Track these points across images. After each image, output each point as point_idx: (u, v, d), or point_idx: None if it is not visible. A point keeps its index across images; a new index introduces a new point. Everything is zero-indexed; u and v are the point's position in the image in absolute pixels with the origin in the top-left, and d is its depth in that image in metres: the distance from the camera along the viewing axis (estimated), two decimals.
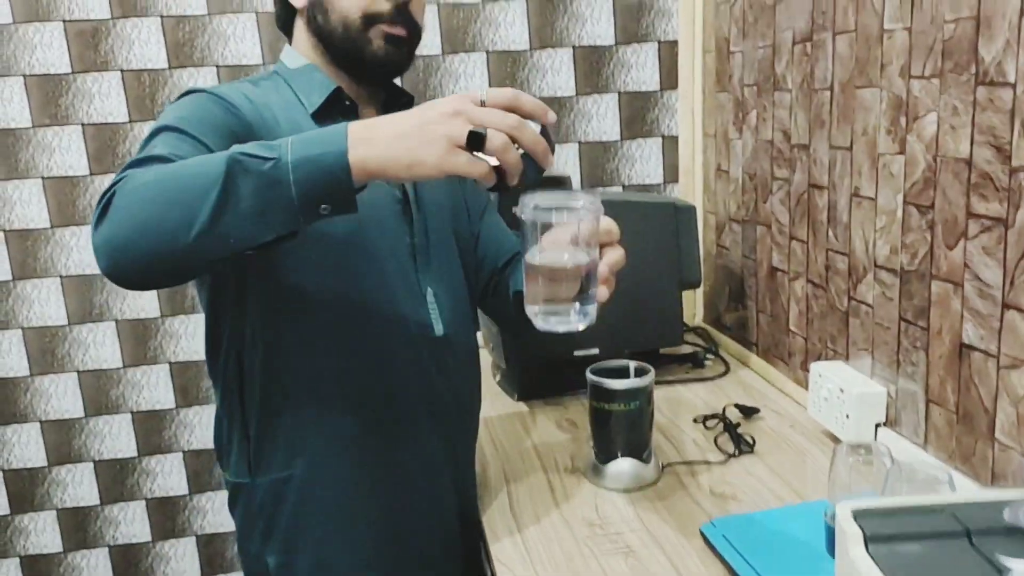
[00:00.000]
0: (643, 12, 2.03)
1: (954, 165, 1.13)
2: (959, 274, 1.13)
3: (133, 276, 0.84)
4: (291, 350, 1.09)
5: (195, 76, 1.92)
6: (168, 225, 0.80)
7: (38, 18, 1.86)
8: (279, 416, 1.10)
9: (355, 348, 1.10)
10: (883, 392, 1.33)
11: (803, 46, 1.52)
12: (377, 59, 1.11)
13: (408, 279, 1.14)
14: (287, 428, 1.10)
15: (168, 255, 0.81)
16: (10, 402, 2.04)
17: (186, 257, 0.82)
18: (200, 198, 0.79)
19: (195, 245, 0.80)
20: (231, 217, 0.80)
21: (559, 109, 2.06)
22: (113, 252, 0.82)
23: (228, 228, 0.80)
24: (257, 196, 0.80)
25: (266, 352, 1.09)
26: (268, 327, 1.08)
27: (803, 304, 1.60)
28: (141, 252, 0.82)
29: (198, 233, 0.80)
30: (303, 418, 1.10)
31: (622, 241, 1.02)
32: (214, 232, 0.80)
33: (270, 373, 1.09)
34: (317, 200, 0.81)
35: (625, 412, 1.35)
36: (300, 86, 1.14)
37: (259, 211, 0.80)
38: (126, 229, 0.82)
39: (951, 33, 1.11)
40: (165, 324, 2.05)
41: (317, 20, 1.13)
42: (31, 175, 1.93)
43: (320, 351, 1.09)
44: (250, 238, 0.81)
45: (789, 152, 1.61)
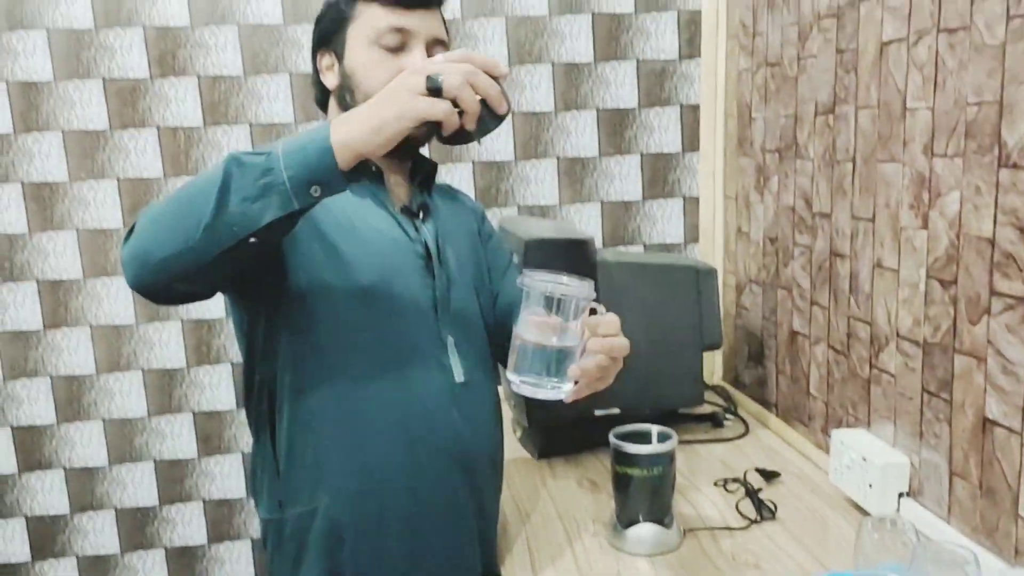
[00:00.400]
0: (666, 77, 2.07)
1: (977, 243, 1.15)
2: (982, 350, 1.15)
3: (154, 281, 0.96)
4: (317, 392, 1.15)
5: (229, 134, 1.97)
6: (178, 227, 0.92)
7: (79, 76, 1.92)
8: (305, 454, 1.16)
9: (377, 391, 1.16)
10: (906, 462, 1.34)
11: (825, 118, 1.56)
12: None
13: (430, 328, 1.20)
14: (312, 466, 1.16)
15: (181, 254, 0.92)
16: (35, 449, 2.07)
17: (196, 253, 0.92)
18: (204, 197, 0.91)
19: (203, 238, 0.91)
20: (232, 206, 0.90)
21: (582, 168, 2.10)
22: (134, 261, 0.95)
23: (229, 216, 0.90)
24: (253, 184, 0.90)
25: (293, 394, 1.15)
26: (296, 371, 1.15)
27: (824, 369, 1.61)
28: (158, 256, 0.93)
29: (205, 226, 0.90)
30: (328, 457, 1.15)
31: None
32: (218, 222, 0.90)
33: (297, 414, 1.16)
34: (307, 182, 0.91)
35: (647, 477, 1.36)
36: None
37: (255, 197, 0.90)
38: (144, 240, 0.95)
39: (974, 115, 1.14)
40: (190, 374, 2.07)
41: (345, 99, 1.21)
42: (66, 227, 1.97)
43: (344, 393, 1.15)
44: (250, 223, 0.91)
45: (811, 219, 1.63)
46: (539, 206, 2.11)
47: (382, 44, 1.17)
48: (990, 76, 1.11)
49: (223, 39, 1.94)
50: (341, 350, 1.15)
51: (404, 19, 1.18)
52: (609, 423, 1.45)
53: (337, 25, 1.21)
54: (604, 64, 2.06)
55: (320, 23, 1.25)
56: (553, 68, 2.05)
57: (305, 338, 1.14)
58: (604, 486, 1.53)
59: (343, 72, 1.21)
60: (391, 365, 1.16)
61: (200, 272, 0.96)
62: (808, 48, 1.61)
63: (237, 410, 2.11)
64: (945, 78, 1.20)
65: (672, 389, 1.77)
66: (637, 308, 1.72)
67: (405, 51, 1.18)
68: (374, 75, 1.17)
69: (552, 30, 2.03)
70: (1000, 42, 1.09)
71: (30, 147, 1.93)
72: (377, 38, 1.17)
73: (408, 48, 1.18)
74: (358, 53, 1.19)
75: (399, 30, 1.17)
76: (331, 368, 1.15)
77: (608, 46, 2.05)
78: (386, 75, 1.15)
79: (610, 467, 1.37)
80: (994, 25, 1.10)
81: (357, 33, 1.19)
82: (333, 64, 1.23)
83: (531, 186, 2.10)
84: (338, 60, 1.22)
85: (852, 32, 1.45)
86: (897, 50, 1.32)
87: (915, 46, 1.27)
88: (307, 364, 1.15)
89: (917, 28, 1.27)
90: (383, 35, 1.17)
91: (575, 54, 2.05)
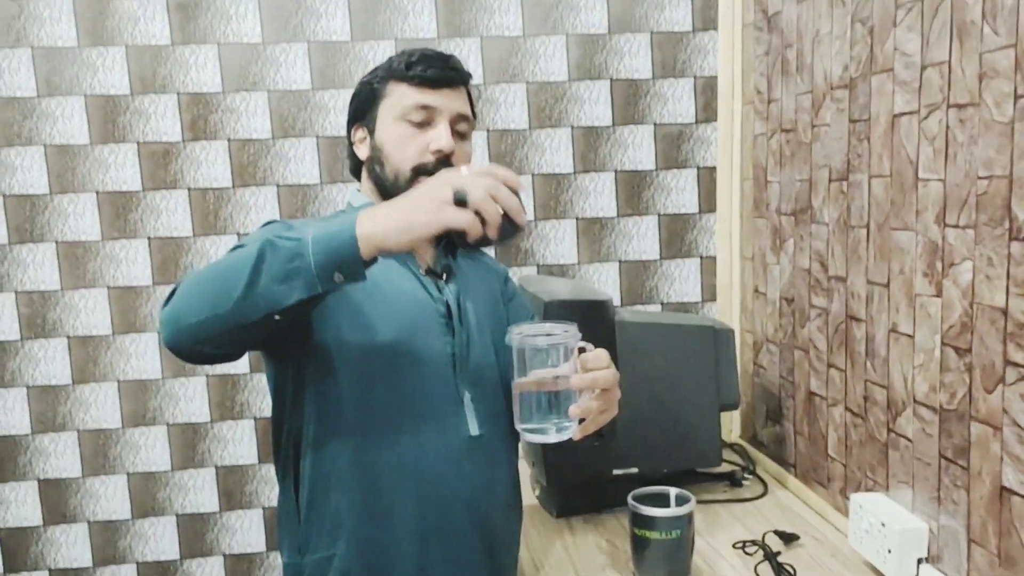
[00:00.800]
0: (683, 140, 2.12)
1: (990, 313, 1.17)
2: (998, 418, 1.17)
3: (184, 343, 1.04)
4: (336, 444, 1.22)
5: (256, 195, 2.03)
6: (211, 296, 1.00)
7: (114, 139, 1.99)
8: (325, 503, 1.22)
9: (393, 444, 1.22)
10: (925, 528, 1.34)
11: (839, 184, 1.59)
12: None
13: (447, 384, 1.26)
14: (331, 514, 1.22)
15: (210, 321, 1.00)
16: (61, 502, 2.10)
17: (227, 322, 1.00)
18: (239, 272, 0.99)
19: (234, 309, 0.99)
20: (262, 284, 0.98)
21: (600, 228, 2.14)
22: (169, 323, 1.04)
23: (260, 293, 0.98)
24: (283, 266, 0.98)
25: (316, 445, 1.22)
26: (319, 423, 1.22)
27: (842, 431, 1.62)
28: (189, 321, 1.02)
29: (235, 299, 0.98)
30: (345, 506, 1.22)
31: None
32: (247, 298, 0.98)
33: (319, 464, 1.23)
34: (331, 268, 0.98)
35: (666, 540, 1.37)
36: None
37: (283, 278, 0.98)
38: (180, 305, 1.03)
39: (984, 188, 1.18)
40: (214, 429, 2.11)
41: (376, 170, 1.30)
42: (97, 284, 2.03)
43: (361, 445, 1.22)
44: (277, 301, 0.98)
45: (826, 282, 1.66)
46: (558, 265, 2.14)
47: (409, 120, 1.26)
48: (999, 151, 1.14)
49: (253, 104, 2.01)
50: (361, 404, 1.22)
51: (430, 97, 1.27)
52: (628, 482, 1.47)
53: (370, 102, 1.31)
54: (622, 127, 2.11)
55: (355, 99, 1.34)
56: (572, 131, 2.10)
57: (328, 392, 1.21)
58: (623, 546, 1.54)
59: (374, 145, 1.30)
60: (407, 419, 1.23)
61: (226, 339, 1.04)
62: (822, 116, 1.65)
63: (259, 465, 2.14)
64: (956, 151, 1.24)
65: (690, 448, 1.78)
66: (655, 367, 1.74)
67: (431, 126, 1.27)
68: (401, 149, 1.26)
69: (572, 95, 2.09)
70: (1009, 119, 1.12)
71: (65, 207, 2.00)
72: (405, 114, 1.26)
73: (434, 124, 1.27)
74: (387, 128, 1.28)
75: (425, 107, 1.26)
76: (351, 421, 1.22)
77: (626, 110, 2.11)
78: (413, 150, 1.25)
79: (628, 528, 1.39)
80: (1003, 103, 1.13)
81: (387, 109, 1.29)
82: (365, 138, 1.33)
83: (551, 246, 2.14)
84: (370, 134, 1.31)
85: (864, 103, 1.49)
86: (908, 122, 1.36)
87: (926, 119, 1.31)
88: (329, 417, 1.22)
89: (927, 102, 1.31)
90: (410, 111, 1.26)
91: (594, 118, 2.10)
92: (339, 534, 1.22)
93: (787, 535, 1.57)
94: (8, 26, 1.94)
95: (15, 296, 2.02)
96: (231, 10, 1.98)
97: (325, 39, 2.01)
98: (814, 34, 1.67)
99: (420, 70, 1.26)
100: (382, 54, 2.02)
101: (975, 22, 1.18)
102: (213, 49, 1.99)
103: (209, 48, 1.99)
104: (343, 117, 2.01)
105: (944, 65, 1.26)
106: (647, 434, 1.73)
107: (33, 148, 1.98)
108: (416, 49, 1.30)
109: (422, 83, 1.26)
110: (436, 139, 1.25)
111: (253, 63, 2.00)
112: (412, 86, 1.27)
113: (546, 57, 2.07)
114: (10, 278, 2.02)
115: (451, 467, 1.25)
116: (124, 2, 1.96)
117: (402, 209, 0.99)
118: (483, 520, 1.28)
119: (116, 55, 1.97)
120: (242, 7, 1.98)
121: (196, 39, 1.98)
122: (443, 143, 1.25)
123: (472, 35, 2.04)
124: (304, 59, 2.01)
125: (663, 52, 2.10)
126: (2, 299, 2.02)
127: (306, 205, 2.05)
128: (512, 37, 2.06)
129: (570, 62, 2.08)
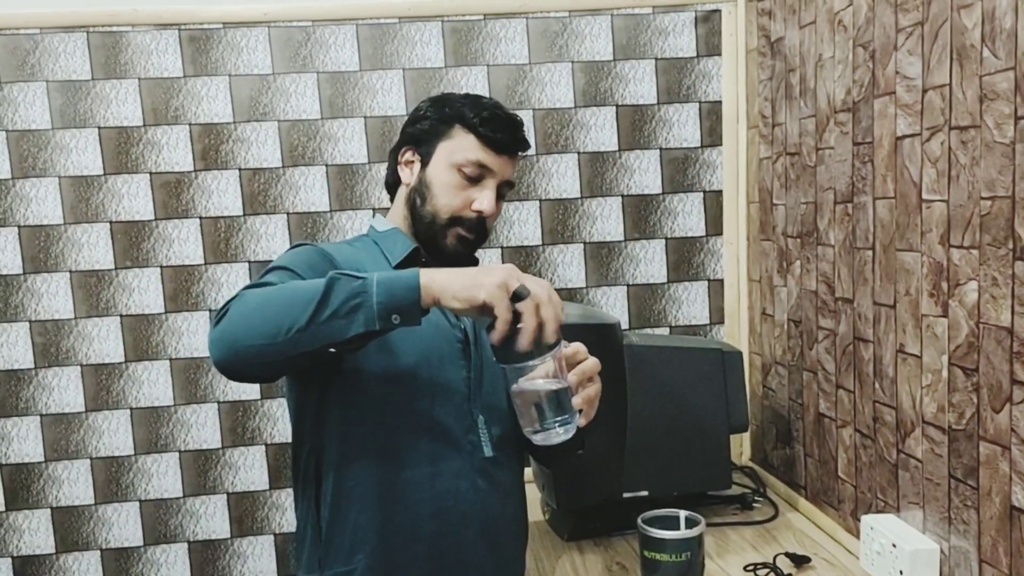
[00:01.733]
0: (689, 164, 2.14)
1: (996, 332, 1.18)
2: (1006, 438, 1.17)
3: (240, 365, 1.09)
4: (358, 462, 1.27)
5: (267, 223, 2.05)
6: (271, 324, 1.06)
7: (127, 170, 2.02)
8: (346, 519, 1.27)
9: (413, 463, 1.27)
10: (936, 549, 1.34)
11: (844, 206, 1.60)
12: (446, 251, 1.36)
13: (462, 407, 1.31)
14: (352, 528, 1.27)
15: (272, 347, 1.06)
16: (73, 530, 2.10)
17: (285, 349, 1.06)
18: (302, 305, 1.05)
19: (291, 340, 1.05)
20: (324, 318, 1.04)
21: (608, 253, 2.15)
22: (222, 343, 1.08)
23: (320, 326, 1.05)
24: (347, 302, 1.05)
25: (338, 463, 1.27)
26: (342, 441, 1.27)
27: (852, 452, 1.62)
28: (245, 344, 1.07)
29: (296, 329, 1.04)
30: (364, 523, 1.26)
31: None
32: (308, 329, 1.04)
33: (341, 482, 1.27)
34: (391, 310, 1.05)
35: (676, 563, 1.38)
36: (387, 245, 1.39)
37: (346, 313, 1.05)
38: (239, 327, 1.07)
39: (988, 209, 1.19)
40: (225, 455, 2.12)
41: (415, 200, 1.37)
42: (111, 313, 2.05)
43: (381, 464, 1.27)
44: (335, 335, 1.05)
45: (833, 304, 1.67)
46: (566, 289, 2.16)
47: (464, 171, 1.33)
48: (1002, 172, 1.15)
49: (263, 134, 2.04)
50: (383, 425, 1.27)
51: (491, 159, 1.34)
52: (637, 505, 1.47)
53: (430, 135, 1.37)
54: (628, 152, 2.13)
55: (415, 124, 1.39)
56: (579, 157, 2.12)
57: (351, 413, 1.27)
58: (633, 569, 1.54)
59: (422, 177, 1.37)
60: (426, 440, 1.28)
61: (279, 364, 1.11)
62: (825, 139, 1.67)
63: (270, 491, 2.14)
64: (958, 172, 1.25)
65: (700, 471, 1.78)
66: (664, 390, 1.75)
67: (479, 183, 1.34)
68: (448, 196, 1.34)
69: (578, 121, 2.11)
70: (1010, 140, 1.14)
71: (79, 237, 2.02)
72: (462, 165, 1.33)
73: (483, 183, 1.34)
74: (440, 169, 1.35)
75: (483, 166, 1.34)
76: (373, 441, 1.26)
77: (632, 135, 2.13)
78: (458, 201, 1.33)
79: (638, 550, 1.39)
80: (1003, 125, 1.15)
81: (446, 151, 1.35)
82: (414, 163, 1.38)
83: (558, 270, 2.15)
84: (421, 164, 1.37)
85: (867, 126, 1.50)
86: (911, 144, 1.37)
87: (928, 141, 1.32)
88: (352, 436, 1.27)
89: (929, 124, 1.32)
90: (467, 164, 1.33)
91: (600, 143, 2.12)
92: (359, 549, 1.26)
93: (798, 557, 1.56)
94: (23, 61, 1.98)
95: (29, 325, 2.05)
96: (242, 42, 2.02)
97: (334, 69, 2.04)
98: (817, 59, 1.69)
99: (491, 129, 1.34)
100: (390, 83, 2.05)
101: (975, 45, 1.20)
102: (224, 80, 2.02)
103: (220, 80, 2.02)
104: (352, 146, 2.05)
105: (945, 88, 1.28)
106: (657, 457, 1.73)
107: (48, 179, 2.01)
108: (490, 103, 1.37)
109: (489, 143, 1.33)
110: (481, 200, 1.34)
111: (263, 94, 2.03)
112: (478, 141, 1.33)
113: (552, 84, 2.10)
114: (24, 307, 2.04)
115: (467, 486, 1.30)
116: (137, 36, 2.00)
117: (467, 275, 1.07)
118: (495, 538, 1.33)
119: (129, 88, 2.00)
120: (252, 39, 2.02)
121: (207, 71, 2.02)
122: (486, 207, 1.34)
123: (479, 64, 2.07)
124: (313, 89, 2.04)
125: (668, 78, 2.12)
126: (17, 328, 2.05)
127: (316, 232, 2.08)
128: (518, 65, 2.08)
129: (576, 89, 2.10)
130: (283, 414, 2.12)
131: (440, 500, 1.28)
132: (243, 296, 1.11)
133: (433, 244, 1.37)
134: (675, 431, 1.75)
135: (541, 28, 2.08)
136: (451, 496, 1.28)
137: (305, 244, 1.33)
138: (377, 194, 2.07)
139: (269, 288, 1.12)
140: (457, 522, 1.29)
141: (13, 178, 2.00)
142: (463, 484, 1.29)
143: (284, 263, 1.24)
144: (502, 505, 1.35)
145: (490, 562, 1.32)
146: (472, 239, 1.37)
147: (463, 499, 1.29)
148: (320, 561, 1.29)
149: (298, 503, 1.36)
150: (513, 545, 1.40)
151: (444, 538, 1.28)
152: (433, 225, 1.35)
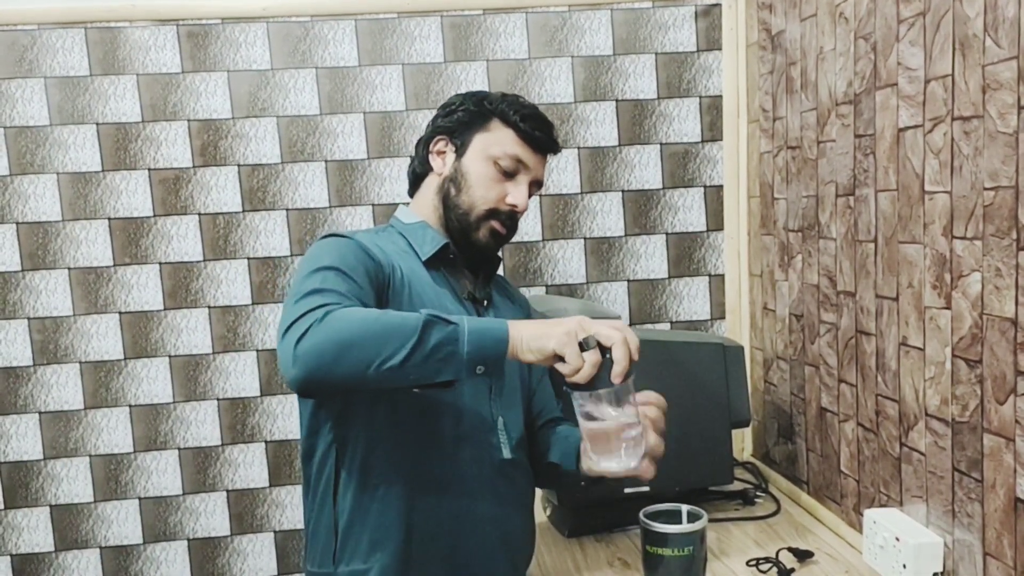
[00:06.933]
0: (689, 159, 2.13)
1: (1000, 324, 1.17)
2: (1010, 429, 1.16)
3: (321, 388, 1.10)
4: (383, 461, 1.27)
5: (266, 219, 2.04)
6: (365, 357, 1.05)
7: (125, 167, 2.01)
8: (367, 517, 1.27)
9: (435, 465, 1.29)
10: (940, 542, 1.33)
11: (846, 199, 1.59)
12: (478, 244, 1.37)
13: (484, 409, 1.34)
14: (373, 526, 1.27)
15: (356, 378, 1.06)
16: (72, 528, 2.10)
17: (368, 382, 1.06)
18: (398, 344, 1.05)
19: (383, 374, 1.05)
20: (417, 359, 1.06)
21: (608, 248, 2.14)
22: (310, 365, 1.05)
23: (412, 366, 1.06)
24: (439, 348, 1.07)
25: (363, 459, 1.27)
26: (368, 439, 1.28)
27: (854, 447, 1.62)
28: (337, 373, 1.05)
29: (389, 366, 1.05)
30: (385, 521, 1.27)
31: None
32: (402, 368, 1.05)
33: (365, 479, 1.27)
34: (479, 360, 1.08)
35: (678, 557, 1.36)
36: (415, 238, 1.38)
37: (437, 359, 1.07)
38: (327, 352, 1.05)
39: (991, 199, 1.18)
40: (225, 452, 2.11)
41: (449, 190, 1.37)
42: (109, 310, 2.04)
43: (406, 464, 1.28)
44: (424, 377, 1.08)
45: (835, 297, 1.66)
46: (567, 285, 2.15)
47: (500, 164, 1.34)
48: (1005, 163, 1.15)
49: (262, 130, 2.03)
50: (407, 427, 1.28)
51: (528, 155, 1.36)
52: (639, 501, 1.46)
53: (468, 126, 1.37)
54: (629, 148, 2.12)
55: (451, 113, 1.40)
56: (579, 152, 2.11)
57: (377, 415, 1.27)
58: (635, 565, 1.53)
59: (458, 167, 1.37)
60: (449, 442, 1.30)
61: (354, 390, 1.16)
62: (827, 132, 1.66)
63: (270, 488, 2.13)
64: (961, 163, 1.24)
65: (702, 467, 1.77)
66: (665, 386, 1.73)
67: (513, 179, 1.35)
68: (484, 188, 1.35)
69: (578, 116, 2.10)
70: (1013, 130, 1.13)
71: (77, 234, 2.02)
72: (499, 157, 1.34)
73: (517, 178, 1.36)
74: (477, 160, 1.35)
75: (519, 161, 1.35)
76: (397, 442, 1.27)
77: (632, 130, 2.12)
78: (494, 194, 1.35)
79: (640, 547, 1.38)
80: (1006, 114, 1.14)
81: (483, 142, 1.36)
82: (448, 153, 1.38)
83: (559, 265, 2.14)
84: (456, 155, 1.37)
85: (869, 118, 1.50)
86: (913, 136, 1.36)
87: (930, 132, 1.32)
88: (377, 438, 1.27)
89: (932, 115, 1.31)
90: (505, 158, 1.34)
91: (600, 138, 2.11)
92: (379, 548, 1.26)
93: (801, 552, 1.55)
94: (21, 56, 1.97)
95: (28, 323, 2.04)
96: (240, 38, 2.01)
97: (333, 65, 2.04)
98: (818, 51, 1.68)
99: (530, 126, 1.35)
100: (389, 79, 2.04)
101: (977, 35, 1.19)
102: (223, 76, 2.02)
103: (219, 75, 2.01)
104: (351, 141, 2.05)
105: (947, 78, 1.27)
106: None
107: (46, 176, 2.00)
108: (528, 103, 1.39)
109: (527, 139, 1.35)
110: (515, 195, 1.35)
111: (262, 89, 2.03)
112: (517, 135, 1.35)
113: (552, 79, 2.09)
114: (23, 304, 2.03)
115: (486, 488, 1.32)
116: (135, 32, 1.99)
117: (542, 326, 1.10)
118: (510, 538, 1.36)
119: (127, 84, 2.00)
120: (251, 35, 2.01)
121: (206, 67, 2.01)
122: (520, 201, 1.35)
123: (478, 59, 2.06)
124: (312, 85, 2.04)
125: (668, 72, 2.11)
126: (15, 325, 2.04)
127: (315, 229, 2.07)
128: (518, 60, 2.08)
129: (576, 84, 2.10)
130: (283, 411, 2.12)
131: (459, 501, 1.30)
132: (331, 318, 1.07)
133: (464, 237, 1.37)
134: (676, 426, 1.73)
135: (540, 23, 2.07)
136: (470, 497, 1.30)
137: (338, 236, 1.29)
138: (377, 190, 2.06)
139: (359, 315, 1.09)
140: (475, 523, 1.30)
141: (11, 175, 2.00)
142: (483, 487, 1.31)
143: (334, 263, 1.20)
144: (516, 508, 1.37)
145: (503, 563, 1.34)
146: (504, 234, 1.38)
147: (482, 501, 1.31)
148: (334, 556, 1.29)
149: (309, 497, 1.34)
150: (525, 549, 1.42)
151: (462, 539, 1.30)
152: (468, 216, 1.35)
